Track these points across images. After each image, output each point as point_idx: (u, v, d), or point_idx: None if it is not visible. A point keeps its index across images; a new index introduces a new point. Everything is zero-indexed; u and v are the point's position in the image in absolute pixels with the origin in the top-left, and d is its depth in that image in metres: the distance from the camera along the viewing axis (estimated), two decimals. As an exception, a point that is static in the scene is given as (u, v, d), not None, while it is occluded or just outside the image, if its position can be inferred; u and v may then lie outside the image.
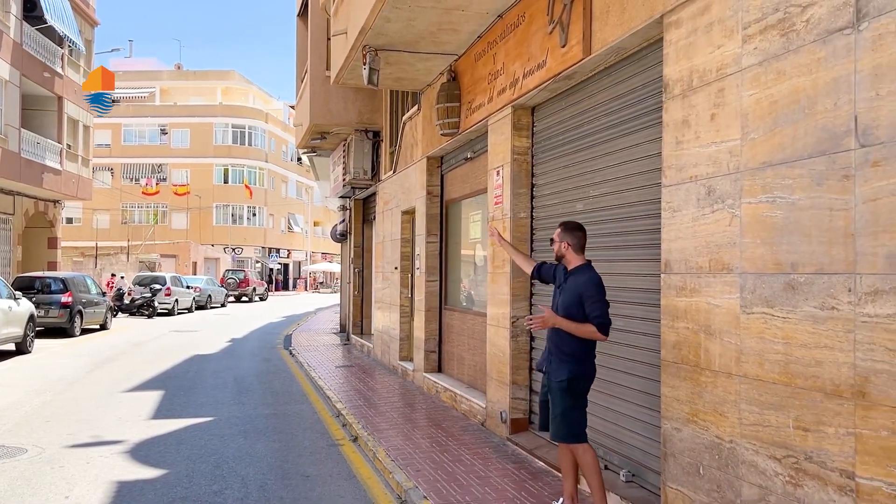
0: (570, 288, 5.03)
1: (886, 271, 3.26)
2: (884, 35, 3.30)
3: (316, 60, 14.86)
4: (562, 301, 5.06)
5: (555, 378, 5.02)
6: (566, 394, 4.96)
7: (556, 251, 5.20)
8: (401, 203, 12.70)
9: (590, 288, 4.92)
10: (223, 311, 35.18)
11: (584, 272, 5.04)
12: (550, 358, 5.11)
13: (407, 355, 12.59)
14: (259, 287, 47.67)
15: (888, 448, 3.24)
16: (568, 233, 5.15)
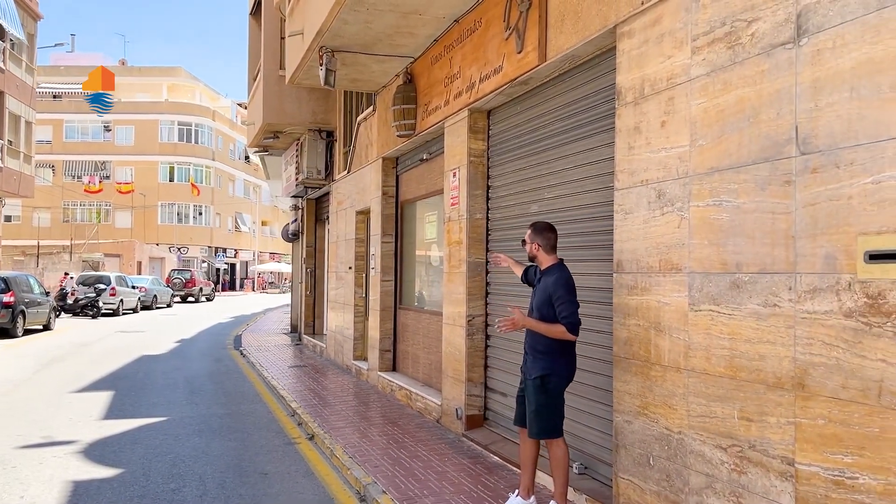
0: (541, 288, 5.14)
1: (824, 271, 3.50)
2: (822, 51, 3.54)
3: (269, 59, 14.83)
4: (536, 301, 5.16)
5: (529, 375, 5.13)
6: (540, 391, 5.05)
7: (528, 252, 5.29)
8: (355, 203, 12.77)
9: (558, 288, 4.98)
10: (169, 311, 34.67)
11: (554, 272, 5.11)
12: (525, 356, 5.24)
13: (361, 355, 12.67)
14: (206, 287, 47.07)
15: (825, 435, 3.48)
16: (538, 234, 5.23)
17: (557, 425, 5.09)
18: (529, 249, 5.27)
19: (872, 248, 3.24)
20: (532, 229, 5.28)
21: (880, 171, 3.23)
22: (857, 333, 3.32)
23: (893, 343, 3.14)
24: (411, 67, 9.56)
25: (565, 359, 5.08)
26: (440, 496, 5.85)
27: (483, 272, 7.78)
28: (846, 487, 3.35)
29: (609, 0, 5.26)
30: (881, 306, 3.20)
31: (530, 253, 5.28)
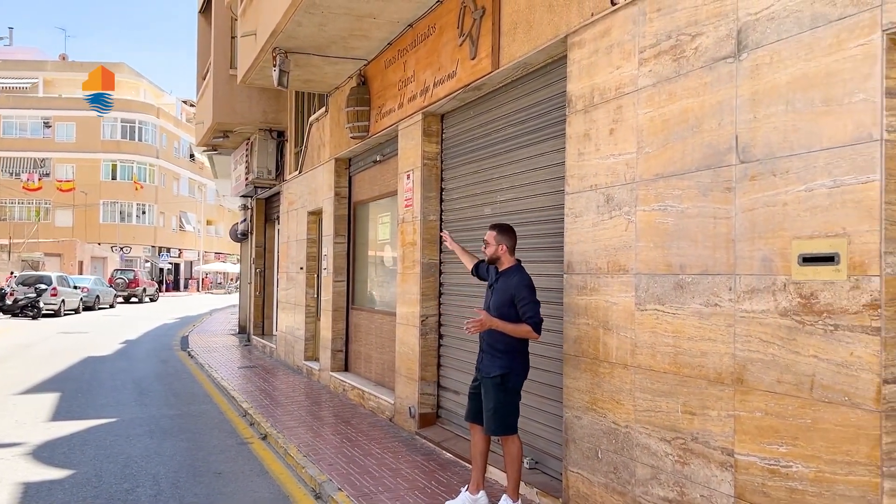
0: (501, 289, 5.19)
1: (761, 272, 3.73)
2: (760, 66, 3.77)
3: (220, 59, 14.74)
4: (494, 301, 5.21)
5: (488, 374, 5.18)
6: (500, 389, 5.13)
7: (491, 253, 5.30)
8: (307, 203, 12.80)
9: (521, 290, 5.07)
10: (113, 312, 34.01)
11: (514, 273, 5.20)
12: (482, 354, 5.29)
13: (312, 355, 12.70)
14: (150, 287, 46.24)
15: (762, 427, 3.71)
16: (504, 235, 5.29)
17: (514, 422, 5.20)
18: (494, 251, 5.29)
19: (805, 252, 3.47)
20: (497, 231, 5.31)
21: (813, 180, 3.47)
22: (791, 331, 3.55)
23: (824, 340, 3.38)
24: (365, 70, 9.65)
25: (522, 357, 5.22)
26: (395, 492, 5.98)
27: (437, 273, 7.92)
28: (781, 476, 3.59)
29: (560, 11, 5.46)
30: (813, 306, 3.44)
31: (494, 254, 5.30)
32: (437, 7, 7.49)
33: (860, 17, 3.26)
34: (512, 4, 6.14)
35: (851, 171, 3.27)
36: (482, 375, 5.26)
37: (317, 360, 12.37)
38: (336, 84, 10.82)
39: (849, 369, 3.26)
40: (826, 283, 3.37)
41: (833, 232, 3.34)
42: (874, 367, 3.15)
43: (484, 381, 5.23)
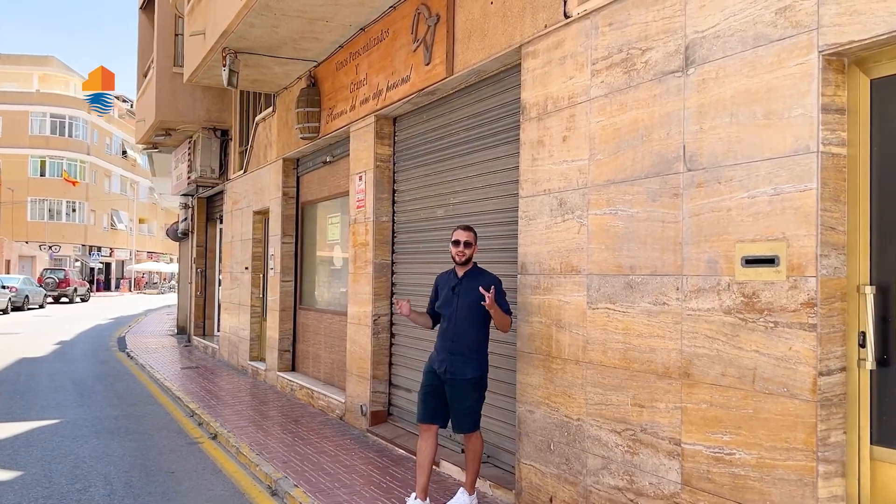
0: (471, 288, 5.20)
1: (707, 273, 4.00)
2: (706, 80, 4.04)
3: (163, 56, 14.57)
4: (463, 302, 5.24)
5: (461, 375, 5.21)
6: (475, 389, 5.25)
7: (469, 254, 5.32)
8: (252, 203, 12.78)
9: (499, 288, 5.19)
10: (43, 312, 33.07)
11: (481, 272, 5.36)
12: (450, 357, 5.25)
13: (258, 355, 12.69)
14: (81, 287, 45.04)
15: (707, 418, 3.97)
16: (475, 238, 5.43)
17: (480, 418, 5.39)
18: (472, 252, 5.35)
19: (748, 254, 3.75)
20: (473, 233, 5.39)
21: (755, 188, 3.74)
22: (735, 328, 3.82)
23: (765, 336, 3.65)
24: (315, 71, 9.73)
25: (487, 354, 5.42)
26: (351, 488, 6.11)
27: (389, 273, 8.07)
28: (725, 462, 3.86)
29: (514, 21, 5.67)
30: (755, 304, 3.72)
31: (471, 255, 5.34)
32: (390, 12, 7.64)
33: (798, 38, 3.55)
34: (466, 13, 6.33)
35: (790, 180, 3.55)
36: (451, 377, 5.24)
37: (262, 360, 12.37)
38: (284, 84, 10.86)
39: (788, 363, 3.54)
40: (767, 284, 3.65)
41: (774, 236, 3.62)
42: (811, 361, 3.44)
43: (455, 383, 5.23)
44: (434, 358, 5.41)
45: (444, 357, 5.30)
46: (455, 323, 5.29)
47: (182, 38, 14.36)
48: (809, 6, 3.49)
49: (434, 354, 5.43)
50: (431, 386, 5.38)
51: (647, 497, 4.34)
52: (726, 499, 3.83)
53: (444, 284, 5.46)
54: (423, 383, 5.45)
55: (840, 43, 3.37)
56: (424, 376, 5.46)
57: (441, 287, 5.48)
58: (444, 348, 5.32)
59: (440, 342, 5.38)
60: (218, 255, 17.29)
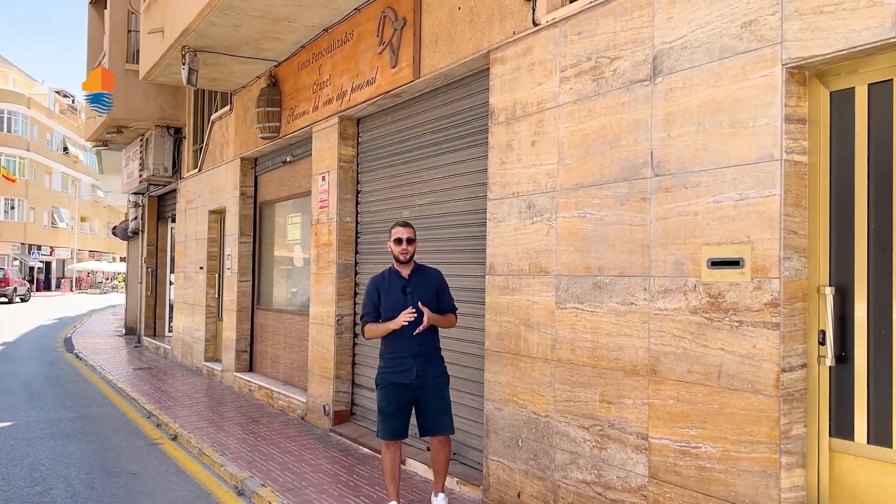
0: (421, 286, 5.21)
1: (673, 274, 4.17)
2: (674, 89, 4.21)
3: (115, 52, 14.33)
4: (417, 300, 5.12)
5: (433, 374, 5.16)
6: (446, 387, 5.24)
7: (413, 252, 5.26)
8: (208, 202, 12.67)
9: (443, 281, 5.32)
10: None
11: (426, 269, 5.35)
12: (418, 360, 5.11)
13: (213, 356, 12.59)
14: (21, 287, 43.81)
15: (673, 413, 4.14)
16: (415, 233, 5.37)
17: None
18: (414, 249, 5.27)
19: (714, 256, 3.92)
20: (413, 228, 5.32)
21: (720, 193, 3.92)
22: (701, 327, 4.00)
23: (730, 334, 3.83)
24: (275, 71, 9.72)
25: None
26: (319, 486, 6.16)
27: (352, 273, 8.12)
28: (691, 456, 4.03)
29: (482, 27, 5.79)
30: (720, 304, 3.90)
31: (412, 253, 5.26)
32: (355, 14, 7.69)
33: (763, 51, 3.74)
34: (433, 17, 6.43)
35: (755, 186, 3.74)
36: (423, 380, 5.13)
37: (218, 360, 12.28)
38: (243, 83, 10.81)
39: (752, 360, 3.73)
40: (732, 285, 3.83)
41: (739, 239, 3.80)
42: (774, 358, 3.62)
43: (428, 385, 5.15)
44: (393, 368, 5.16)
45: (410, 363, 5.10)
46: (415, 324, 5.08)
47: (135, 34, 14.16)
48: (774, 21, 3.68)
49: (391, 365, 5.17)
50: (401, 400, 5.15)
51: (614, 490, 4.49)
52: (693, 491, 4.00)
53: (388, 288, 5.20)
54: (390, 400, 5.15)
55: (803, 57, 3.56)
56: (387, 392, 5.16)
57: (384, 291, 5.20)
58: (408, 353, 5.11)
59: (400, 347, 5.13)
60: (170, 255, 17.06)
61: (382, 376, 5.20)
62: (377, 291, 5.23)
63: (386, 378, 5.18)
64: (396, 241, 5.21)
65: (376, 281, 5.30)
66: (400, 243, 5.20)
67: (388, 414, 5.15)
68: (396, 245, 5.21)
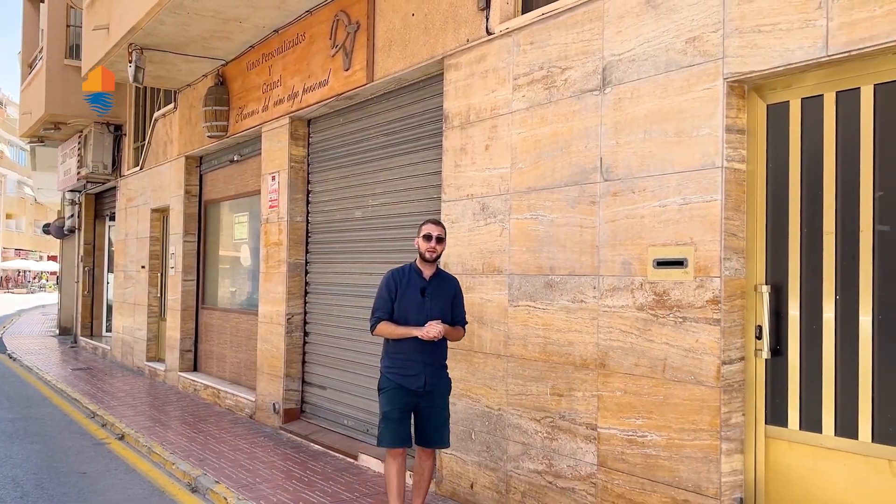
0: (440, 293, 4.83)
1: (621, 274, 4.42)
2: (622, 99, 4.46)
3: (53, 48, 14.04)
4: (436, 307, 4.78)
5: (442, 387, 4.87)
6: (448, 396, 4.98)
7: (440, 251, 4.84)
8: (150, 200, 12.54)
9: (460, 290, 4.97)
10: None
11: (446, 275, 5.00)
12: (429, 369, 4.78)
13: (155, 356, 12.47)
14: (-58, 286, 42.23)
15: (621, 404, 4.40)
16: (446, 232, 4.95)
17: None
18: (442, 249, 4.87)
19: (659, 257, 4.19)
20: (444, 227, 4.90)
21: (665, 197, 4.18)
22: (647, 323, 4.25)
23: (674, 330, 4.10)
24: (223, 70, 9.72)
25: None
26: (274, 482, 6.25)
27: (303, 272, 8.20)
28: (638, 444, 4.28)
29: (436, 34, 5.97)
30: (665, 301, 4.16)
31: (440, 253, 4.85)
32: (307, 17, 7.79)
33: (706, 66, 4.01)
34: (387, 23, 6.58)
35: (698, 192, 4.01)
36: (432, 388, 4.80)
37: (161, 360, 12.17)
38: (188, 81, 10.76)
39: (695, 353, 4.00)
40: (676, 283, 4.10)
41: (682, 241, 4.07)
42: (715, 352, 3.90)
43: (435, 394, 4.83)
44: (401, 371, 4.78)
45: (420, 370, 4.75)
46: None
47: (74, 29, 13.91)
48: (716, 38, 3.96)
49: (399, 366, 4.80)
50: (407, 405, 4.81)
51: (565, 479, 4.73)
52: (639, 477, 4.26)
53: (406, 285, 4.82)
54: (396, 404, 4.77)
55: (742, 72, 3.84)
56: (393, 395, 4.78)
57: (401, 287, 4.81)
58: (420, 360, 4.76)
59: (411, 353, 4.76)
60: (107, 253, 16.78)
61: (388, 378, 4.82)
62: (395, 286, 4.83)
63: (392, 380, 4.80)
64: (425, 238, 4.79)
65: (395, 275, 4.88)
66: (429, 240, 4.78)
67: (393, 419, 4.76)
68: (425, 242, 4.79)
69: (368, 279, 7.14)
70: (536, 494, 4.93)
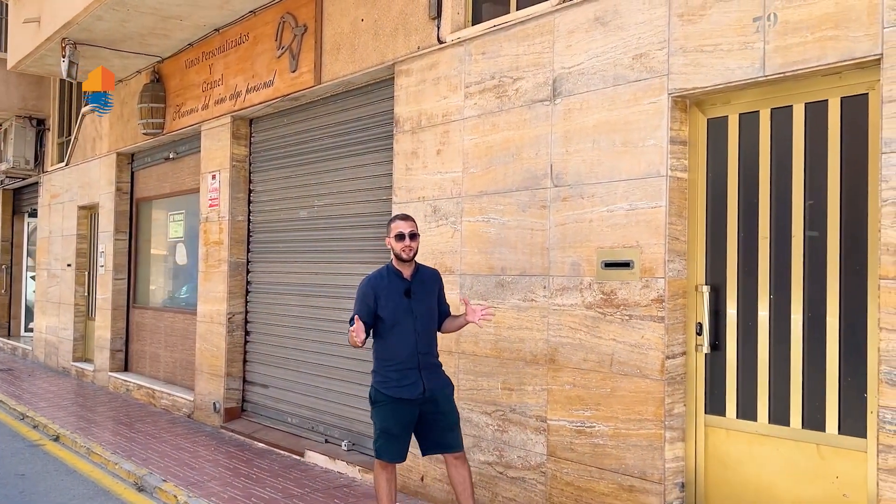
0: (424, 287, 4.64)
1: (570, 274, 4.69)
2: (572, 110, 4.73)
3: (-29, 38, 13.54)
4: (422, 309, 4.58)
5: (442, 387, 4.61)
6: (453, 399, 4.70)
7: (416, 248, 4.59)
8: (77, 197, 12.26)
9: (441, 281, 4.81)
10: None
11: (425, 268, 4.77)
12: (425, 373, 4.53)
13: (82, 356, 12.21)
14: None
15: (570, 397, 4.66)
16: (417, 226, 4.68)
17: None
18: (417, 245, 4.61)
19: (607, 259, 4.47)
20: (415, 222, 4.65)
21: (613, 203, 4.47)
22: (595, 320, 4.53)
23: (621, 327, 4.39)
24: (160, 67, 9.63)
25: None
26: (222, 479, 6.30)
27: (244, 272, 8.23)
28: (586, 434, 4.56)
29: (386, 39, 6.14)
30: (613, 300, 4.44)
31: (416, 249, 4.61)
32: (251, 17, 7.82)
33: (652, 81, 4.31)
34: (335, 27, 6.71)
35: (644, 198, 4.30)
36: (433, 393, 4.53)
37: (89, 360, 11.93)
38: (120, 77, 10.57)
39: (640, 349, 4.29)
40: (623, 283, 4.38)
41: (629, 244, 4.36)
42: (660, 347, 4.20)
43: (437, 399, 4.55)
44: (397, 382, 4.50)
45: (416, 375, 4.49)
46: (421, 333, 4.53)
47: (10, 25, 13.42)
48: (662, 55, 4.26)
49: (394, 378, 4.51)
50: (407, 417, 4.53)
51: (515, 469, 4.97)
52: (588, 465, 4.54)
53: (387, 290, 4.54)
54: (398, 419, 4.52)
55: (686, 88, 4.15)
56: (392, 410, 4.51)
57: (382, 293, 4.53)
58: (414, 365, 4.50)
59: (405, 359, 4.50)
60: (26, 251, 16.26)
61: (383, 392, 4.52)
62: (374, 294, 4.53)
63: (388, 394, 4.51)
64: (398, 237, 4.50)
65: (373, 281, 4.59)
66: (402, 239, 4.50)
67: (394, 434, 4.52)
68: (398, 241, 4.50)
69: (314, 278, 7.25)
70: (487, 485, 5.16)
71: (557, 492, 4.71)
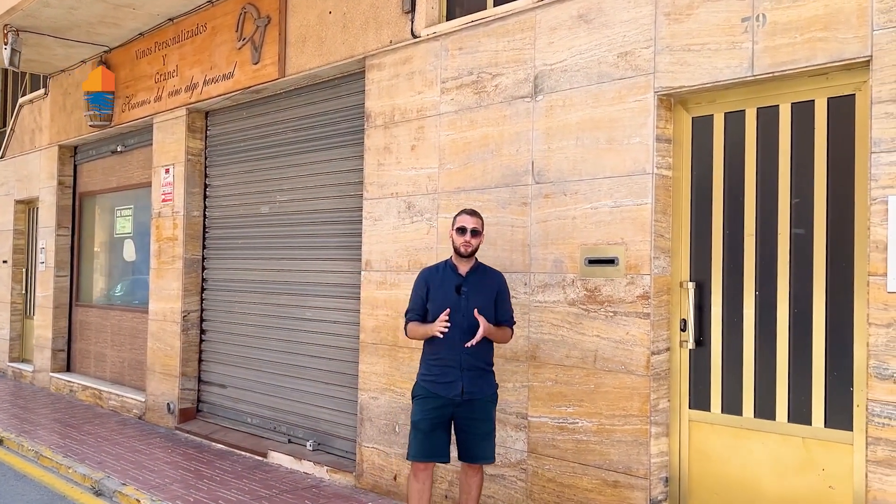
0: (480, 289, 4.42)
1: (553, 271, 4.69)
2: (554, 107, 4.73)
3: None
4: (473, 304, 4.33)
5: (482, 393, 4.37)
6: (493, 407, 4.48)
7: (477, 245, 4.44)
8: (14, 191, 11.76)
9: (505, 286, 4.54)
10: None
11: (487, 269, 4.55)
12: (467, 373, 4.33)
13: (20, 356, 11.72)
14: None
15: (551, 394, 4.66)
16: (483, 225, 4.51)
17: None
18: (479, 243, 4.46)
19: (591, 255, 4.48)
20: (481, 219, 4.48)
21: (597, 200, 4.48)
22: (578, 317, 4.54)
23: (606, 323, 4.41)
24: (107, 57, 9.30)
25: None
26: (185, 482, 6.11)
27: (199, 269, 8.01)
28: (569, 431, 4.57)
29: (355, 33, 6.04)
30: (596, 297, 4.46)
31: (476, 246, 4.45)
32: (208, 7, 7.61)
33: (637, 79, 4.34)
34: (300, 18, 6.57)
35: (629, 196, 4.33)
36: (471, 396, 4.34)
37: (27, 361, 11.47)
38: (63, 66, 10.20)
39: (625, 345, 4.32)
40: (608, 280, 4.41)
41: (614, 241, 4.38)
42: (645, 343, 4.23)
43: (475, 403, 4.35)
44: (435, 377, 4.38)
45: (457, 375, 4.32)
46: (467, 332, 4.29)
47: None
48: (647, 54, 4.29)
49: (433, 372, 4.40)
50: (441, 416, 4.36)
51: (494, 466, 4.95)
52: (570, 462, 4.55)
53: (439, 283, 4.44)
54: (426, 413, 4.37)
55: (673, 87, 4.19)
56: (423, 404, 4.39)
57: (435, 286, 4.44)
58: (455, 364, 4.33)
59: (446, 356, 4.34)
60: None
61: (421, 385, 4.44)
62: (426, 286, 4.48)
63: (425, 387, 4.40)
64: (459, 231, 4.39)
65: (427, 274, 4.54)
66: (463, 233, 4.38)
67: (421, 430, 4.36)
68: (459, 235, 4.39)
69: (276, 275, 7.10)
70: (464, 483, 5.12)
71: (539, 488, 4.70)
